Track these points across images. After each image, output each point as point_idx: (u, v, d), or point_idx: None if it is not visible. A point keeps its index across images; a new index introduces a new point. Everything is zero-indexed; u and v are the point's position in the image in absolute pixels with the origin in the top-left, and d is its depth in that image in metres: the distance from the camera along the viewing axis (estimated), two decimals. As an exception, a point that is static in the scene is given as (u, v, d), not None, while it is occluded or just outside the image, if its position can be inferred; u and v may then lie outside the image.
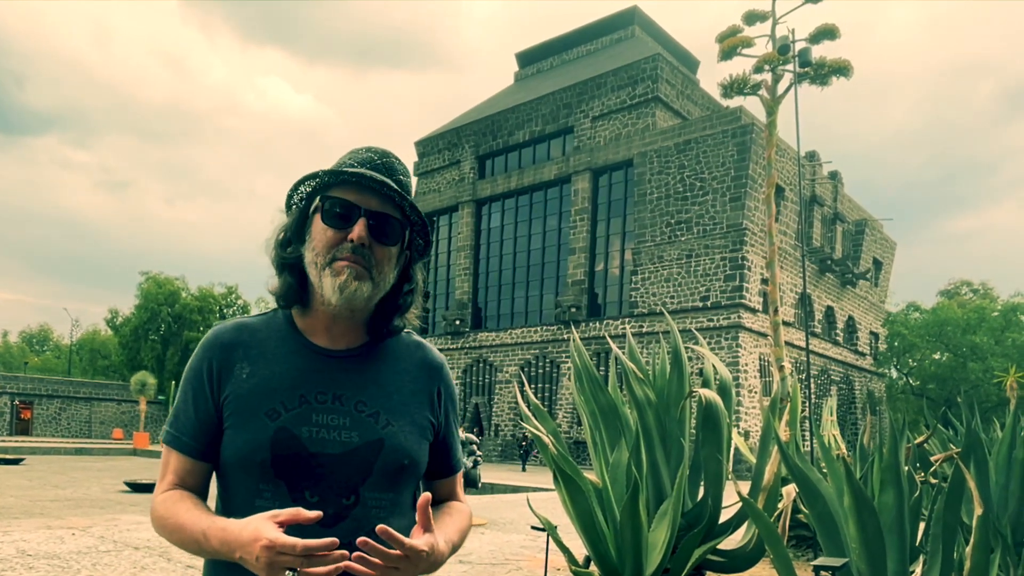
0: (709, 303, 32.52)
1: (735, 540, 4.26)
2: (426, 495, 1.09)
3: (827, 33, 9.56)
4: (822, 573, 2.91)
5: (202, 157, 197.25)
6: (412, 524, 1.12)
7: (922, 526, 3.63)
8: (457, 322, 42.67)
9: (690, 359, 4.58)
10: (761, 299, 32.55)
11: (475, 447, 11.35)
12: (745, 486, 3.91)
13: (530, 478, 22.53)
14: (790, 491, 4.64)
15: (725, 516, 4.25)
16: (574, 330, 5.39)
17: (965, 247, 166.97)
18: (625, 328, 27.77)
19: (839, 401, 39.56)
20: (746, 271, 31.78)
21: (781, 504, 4.55)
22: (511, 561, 6.64)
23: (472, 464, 10.84)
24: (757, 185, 32.14)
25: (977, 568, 2.96)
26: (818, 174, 38.15)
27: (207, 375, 1.22)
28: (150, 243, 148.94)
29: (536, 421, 4.08)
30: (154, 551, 6.30)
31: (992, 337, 40.16)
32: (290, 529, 1.03)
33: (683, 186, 33.78)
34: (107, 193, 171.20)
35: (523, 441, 31.28)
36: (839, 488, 3.48)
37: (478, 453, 11.02)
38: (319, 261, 1.19)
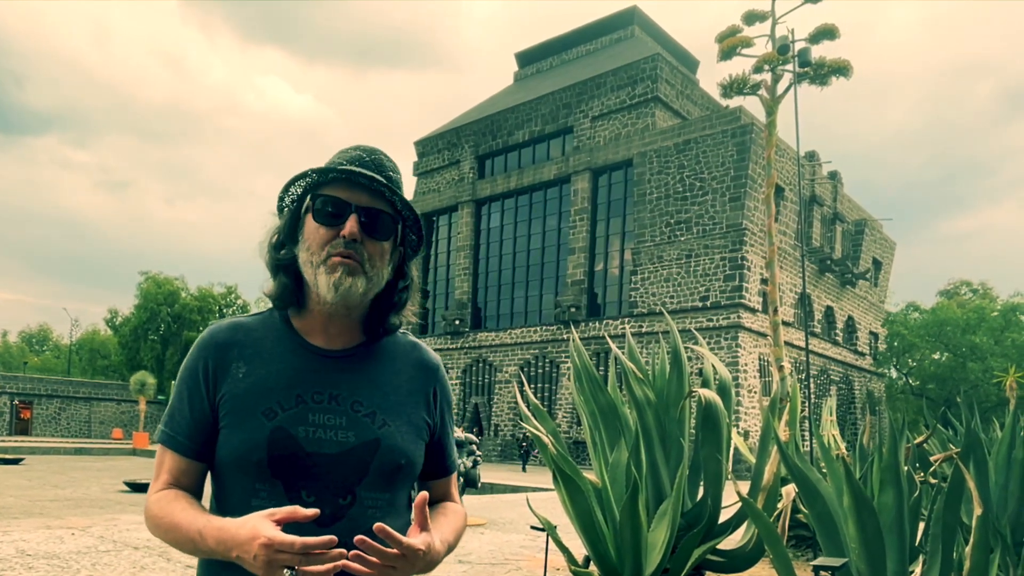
0: (709, 303, 32.53)
1: (735, 540, 4.26)
2: (423, 494, 1.09)
3: (827, 33, 9.57)
4: (822, 573, 2.91)
5: (202, 157, 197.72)
6: (408, 524, 1.12)
7: (922, 526, 3.63)
8: (457, 322, 42.66)
9: (690, 359, 4.57)
10: (761, 299, 32.56)
11: (475, 447, 11.32)
12: (745, 486, 3.90)
13: (530, 478, 22.53)
14: (789, 491, 4.63)
15: (725, 516, 4.25)
16: (574, 330, 5.38)
17: (965, 247, 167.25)
18: (625, 328, 27.72)
19: (839, 401, 39.56)
20: (746, 271, 31.78)
21: (780, 504, 4.55)
22: (511, 561, 6.64)
23: (472, 464, 10.80)
24: (757, 185, 32.14)
25: (977, 568, 2.96)
26: (818, 174, 38.16)
27: (203, 374, 1.22)
28: (150, 243, 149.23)
29: (536, 421, 4.08)
30: (153, 551, 6.29)
31: (992, 337, 40.19)
32: (287, 528, 1.02)
33: (683, 186, 33.78)
34: (107, 193, 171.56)
35: (523, 441, 31.26)
36: (838, 488, 3.47)
37: (478, 453, 10.97)
38: (313, 260, 1.19)
